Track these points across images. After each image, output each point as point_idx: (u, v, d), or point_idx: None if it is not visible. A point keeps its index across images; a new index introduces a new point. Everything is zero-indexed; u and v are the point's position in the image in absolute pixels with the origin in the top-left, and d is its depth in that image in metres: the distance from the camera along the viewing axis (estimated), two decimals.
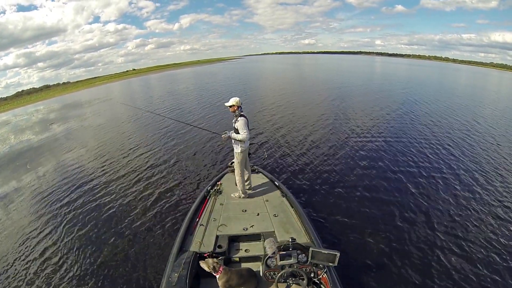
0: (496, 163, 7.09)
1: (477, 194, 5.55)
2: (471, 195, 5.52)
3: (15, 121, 23.01)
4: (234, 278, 2.68)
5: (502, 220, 4.73)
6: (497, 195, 5.53)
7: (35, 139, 13.54)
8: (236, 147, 4.27)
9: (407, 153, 7.70)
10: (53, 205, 6.16)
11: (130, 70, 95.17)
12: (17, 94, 59.12)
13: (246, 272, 2.81)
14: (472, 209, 5.07)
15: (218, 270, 2.68)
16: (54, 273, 4.08)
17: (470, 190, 5.73)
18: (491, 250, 4.05)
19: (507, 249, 4.04)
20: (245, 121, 4.04)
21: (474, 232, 4.45)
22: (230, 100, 4.10)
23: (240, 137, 4.06)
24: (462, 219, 4.80)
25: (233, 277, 2.68)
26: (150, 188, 6.38)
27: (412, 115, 12.06)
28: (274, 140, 9.12)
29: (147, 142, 9.93)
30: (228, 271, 2.70)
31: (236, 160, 4.31)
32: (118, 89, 39.34)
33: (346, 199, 5.47)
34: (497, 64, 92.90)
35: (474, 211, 5.02)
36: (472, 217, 4.83)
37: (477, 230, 4.50)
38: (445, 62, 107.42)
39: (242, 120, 4.02)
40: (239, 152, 4.25)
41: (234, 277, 2.68)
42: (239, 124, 4.03)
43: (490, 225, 4.60)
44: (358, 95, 17.69)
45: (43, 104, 33.80)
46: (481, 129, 10.20)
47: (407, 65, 64.08)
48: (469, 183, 6.00)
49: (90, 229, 5.10)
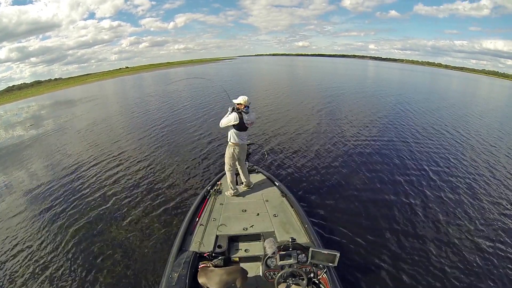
0: (496, 162, 7.37)
1: (477, 195, 5.71)
2: (470, 196, 5.68)
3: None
4: (214, 278, 2.61)
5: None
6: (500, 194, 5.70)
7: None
8: (228, 136, 4.39)
9: (407, 153, 7.88)
10: (53, 206, 6.01)
11: (123, 68, 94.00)
12: (7, 89, 57.75)
13: (232, 270, 2.71)
14: (472, 209, 5.20)
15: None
16: (53, 273, 4.01)
17: (469, 190, 5.89)
18: (494, 251, 4.14)
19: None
20: (233, 115, 4.13)
21: (475, 232, 4.56)
22: (238, 98, 4.23)
23: (221, 120, 4.26)
24: (462, 219, 4.92)
25: (213, 277, 2.62)
26: (149, 188, 6.31)
27: (410, 119, 12.26)
28: (274, 140, 9.17)
29: (147, 142, 9.81)
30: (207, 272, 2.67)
31: (225, 153, 4.47)
32: (110, 87, 38.79)
33: (346, 199, 5.52)
34: (489, 71, 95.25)
35: (474, 211, 5.16)
36: (471, 217, 4.95)
37: (478, 230, 4.61)
38: (437, 68, 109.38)
39: (233, 113, 4.16)
40: (229, 143, 4.40)
41: (213, 277, 2.62)
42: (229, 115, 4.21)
43: (496, 226, 4.71)
44: (355, 97, 17.92)
45: (28, 102, 32.96)
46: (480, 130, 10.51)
47: (401, 70, 65.17)
48: (469, 184, 6.18)
49: (90, 228, 5.02)
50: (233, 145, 4.35)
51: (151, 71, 67.75)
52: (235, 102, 4.24)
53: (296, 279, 2.67)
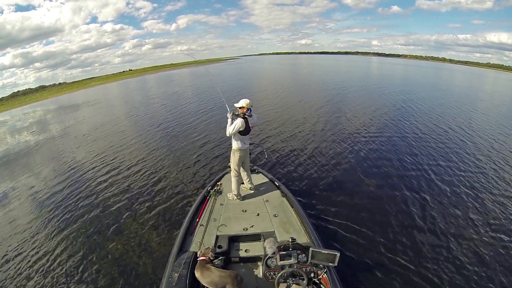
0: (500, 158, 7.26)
1: (477, 194, 5.60)
2: (469, 195, 5.57)
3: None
4: (206, 277, 2.68)
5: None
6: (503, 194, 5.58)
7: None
8: (233, 142, 4.27)
9: (409, 153, 7.75)
10: (55, 207, 6.12)
11: (127, 71, 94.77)
12: (12, 95, 58.59)
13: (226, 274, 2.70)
14: (471, 209, 5.11)
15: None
16: (52, 272, 4.06)
17: (469, 191, 5.77)
18: (496, 250, 4.08)
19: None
20: (240, 121, 3.97)
21: (475, 232, 4.48)
22: (240, 102, 4.08)
23: (227, 129, 4.07)
24: (461, 218, 4.85)
25: (206, 276, 2.68)
26: (149, 188, 6.36)
27: (411, 116, 12.09)
28: (274, 140, 9.14)
29: (146, 143, 9.90)
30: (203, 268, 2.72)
31: (231, 158, 4.36)
32: (114, 90, 39.17)
33: (347, 199, 5.47)
34: (494, 65, 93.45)
35: (473, 210, 5.06)
36: (472, 217, 4.87)
37: (478, 230, 4.52)
38: (441, 63, 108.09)
39: (238, 120, 3.99)
40: (233, 149, 4.28)
41: (206, 276, 2.68)
42: (233, 121, 4.04)
43: (498, 226, 4.62)
44: (357, 96, 17.74)
45: (33, 107, 33.39)
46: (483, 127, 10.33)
47: (405, 65, 64.37)
48: (470, 183, 6.05)
49: (90, 228, 5.08)
50: (239, 151, 4.26)
51: (154, 73, 68.21)
52: (236, 106, 4.10)
53: (296, 279, 2.66)
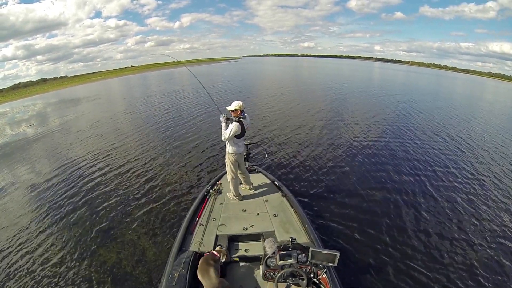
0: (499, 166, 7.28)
1: (477, 195, 5.68)
2: (469, 196, 5.64)
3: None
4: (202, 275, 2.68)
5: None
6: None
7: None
8: (227, 146, 4.22)
9: (408, 156, 7.84)
10: (53, 203, 6.09)
11: (128, 67, 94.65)
12: (13, 87, 58.47)
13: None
14: (471, 208, 5.18)
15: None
16: (52, 272, 4.02)
17: (468, 192, 5.84)
18: (494, 251, 4.12)
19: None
20: (235, 125, 3.90)
21: (475, 232, 4.53)
22: (232, 104, 3.98)
23: (222, 133, 4.02)
24: (461, 218, 4.91)
25: (202, 274, 2.69)
26: (149, 188, 6.32)
27: (413, 121, 12.17)
28: (274, 140, 9.16)
29: (146, 143, 9.83)
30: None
31: (226, 161, 4.32)
32: (115, 86, 39.08)
33: (346, 199, 5.50)
34: (495, 74, 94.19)
35: (472, 210, 5.13)
36: (472, 218, 4.92)
37: (479, 230, 4.57)
38: (443, 70, 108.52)
39: (234, 124, 3.92)
40: (228, 152, 4.23)
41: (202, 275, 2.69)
42: (228, 125, 3.98)
43: (496, 228, 4.67)
44: (359, 99, 17.87)
45: (33, 99, 33.24)
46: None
47: (407, 72, 64.64)
48: (469, 184, 6.14)
49: (90, 228, 5.04)
50: (233, 154, 4.22)
51: (156, 70, 68.08)
52: (229, 109, 4.00)
53: (296, 279, 2.67)
